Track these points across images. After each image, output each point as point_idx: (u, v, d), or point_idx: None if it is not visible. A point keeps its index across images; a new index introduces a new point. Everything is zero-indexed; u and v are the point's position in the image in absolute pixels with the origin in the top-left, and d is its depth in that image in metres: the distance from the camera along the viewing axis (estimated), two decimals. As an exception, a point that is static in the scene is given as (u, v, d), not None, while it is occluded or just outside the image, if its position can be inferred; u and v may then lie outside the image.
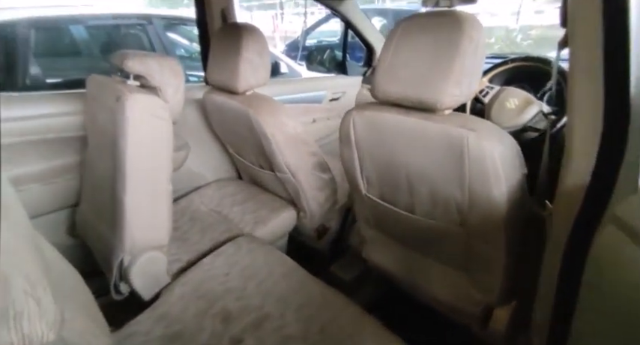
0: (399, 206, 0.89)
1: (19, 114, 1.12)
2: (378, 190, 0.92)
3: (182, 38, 3.13)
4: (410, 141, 0.76)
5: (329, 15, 4.51)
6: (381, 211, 0.95)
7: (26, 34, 2.04)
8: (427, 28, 0.70)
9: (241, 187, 1.43)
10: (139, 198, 0.88)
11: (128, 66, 0.96)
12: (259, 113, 1.08)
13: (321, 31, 5.20)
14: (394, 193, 0.88)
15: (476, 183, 0.69)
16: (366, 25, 1.90)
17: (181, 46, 3.12)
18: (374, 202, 0.94)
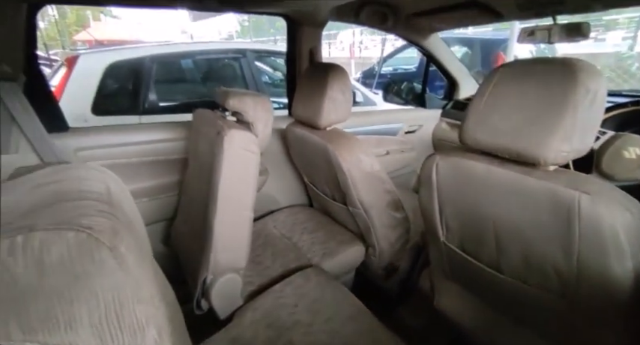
0: (483, 261, 0.82)
1: (138, 139, 1.34)
2: (459, 240, 0.86)
3: (267, 67, 3.45)
4: (502, 194, 0.70)
5: (407, 44, 4.54)
6: (460, 262, 0.88)
7: (149, 68, 2.48)
8: (533, 75, 0.65)
9: (313, 215, 1.48)
10: (225, 222, 0.96)
11: (229, 104, 1.09)
12: (338, 149, 1.11)
13: (397, 58, 5.22)
14: (477, 246, 0.82)
15: (589, 254, 0.59)
16: (449, 58, 1.86)
17: (266, 74, 3.42)
18: (452, 251, 0.88)
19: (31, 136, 1.06)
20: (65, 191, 0.33)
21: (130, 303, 0.30)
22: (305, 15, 1.45)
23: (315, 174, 1.39)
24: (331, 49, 11.73)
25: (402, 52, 4.94)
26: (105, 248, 0.29)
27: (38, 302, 0.26)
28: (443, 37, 1.83)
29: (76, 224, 0.28)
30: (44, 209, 0.29)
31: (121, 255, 0.30)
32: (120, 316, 0.29)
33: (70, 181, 0.35)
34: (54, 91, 1.87)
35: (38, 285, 0.26)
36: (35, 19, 1.05)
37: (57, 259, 0.27)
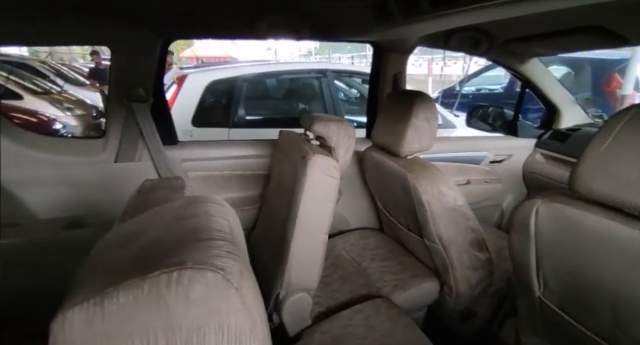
0: (592, 329, 0.70)
1: (231, 154, 1.49)
2: (559, 298, 0.76)
3: (343, 85, 3.54)
4: (623, 258, 0.60)
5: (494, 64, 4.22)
6: (559, 323, 0.77)
7: (241, 86, 2.76)
8: None
9: (384, 242, 1.45)
10: (301, 243, 1.00)
11: (314, 129, 1.15)
12: (418, 179, 1.08)
13: (482, 76, 4.89)
14: (585, 311, 0.70)
15: None
16: (550, 83, 1.68)
17: (342, 91, 3.51)
18: (550, 308, 0.78)
19: (151, 148, 1.25)
20: (200, 229, 0.38)
21: (247, 340, 0.34)
22: (393, 42, 1.46)
23: (390, 201, 1.37)
24: (407, 66, 11.52)
25: (489, 70, 4.61)
26: (233, 288, 0.33)
27: (182, 330, 0.31)
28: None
29: (213, 265, 0.32)
30: (187, 245, 0.35)
31: (243, 295, 0.34)
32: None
33: (202, 218, 0.41)
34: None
35: (183, 316, 0.31)
36: (166, 51, 1.26)
37: (198, 295, 0.31)
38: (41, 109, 3.74)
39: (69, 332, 0.29)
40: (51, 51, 9.94)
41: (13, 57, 4.91)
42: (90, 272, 0.34)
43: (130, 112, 1.22)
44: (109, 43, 1.13)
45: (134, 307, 0.30)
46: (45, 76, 4.82)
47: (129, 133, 1.24)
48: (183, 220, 0.40)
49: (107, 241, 0.41)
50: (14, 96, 3.67)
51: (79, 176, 1.20)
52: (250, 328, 0.34)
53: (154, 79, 1.24)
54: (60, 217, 1.17)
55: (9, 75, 3.78)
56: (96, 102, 4.64)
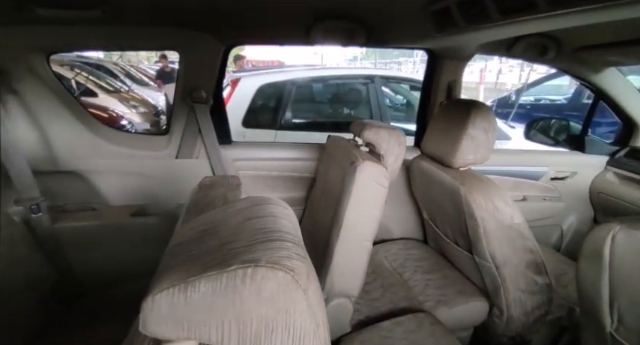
0: None
1: (279, 156, 1.53)
2: (637, 338, 0.68)
3: (389, 90, 3.49)
4: None
5: (558, 72, 3.88)
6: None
7: (290, 89, 2.84)
8: None
9: (428, 254, 1.40)
10: (346, 249, 1.00)
11: (364, 135, 1.14)
12: (471, 193, 1.03)
13: (543, 85, 4.54)
14: None
15: None
16: (629, 95, 1.51)
17: (387, 97, 3.47)
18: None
19: (208, 147, 1.34)
20: (270, 229, 0.40)
21: (310, 343, 0.34)
22: (450, 49, 1.41)
23: (437, 213, 1.32)
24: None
25: (551, 79, 4.26)
26: (301, 290, 0.34)
27: (252, 325, 0.33)
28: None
29: (284, 265, 0.34)
30: (259, 245, 0.37)
31: (309, 297, 0.35)
32: None
33: (270, 219, 0.43)
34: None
35: (254, 311, 0.33)
36: (227, 57, 1.34)
37: (269, 293, 0.33)
38: (111, 106, 4.16)
39: (156, 313, 0.32)
40: (122, 53, 11.01)
41: (92, 59, 5.52)
42: (174, 261, 0.37)
43: (191, 113, 1.31)
44: (179, 48, 1.23)
45: (212, 298, 0.32)
46: (116, 76, 5.35)
47: (189, 132, 1.33)
48: (252, 220, 0.43)
49: (185, 234, 0.44)
50: (91, 93, 4.11)
51: (145, 169, 1.31)
52: (314, 331, 0.35)
53: (215, 83, 1.32)
54: (128, 205, 1.30)
55: (88, 75, 4.26)
56: (157, 101, 5.05)
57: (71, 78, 4.00)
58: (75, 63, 4.48)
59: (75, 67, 4.33)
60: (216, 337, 0.33)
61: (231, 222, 0.43)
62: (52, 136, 1.19)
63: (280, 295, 0.33)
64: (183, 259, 0.37)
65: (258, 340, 0.33)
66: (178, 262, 0.36)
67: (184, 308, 0.32)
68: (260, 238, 0.38)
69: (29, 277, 0.93)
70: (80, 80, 4.10)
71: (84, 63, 4.72)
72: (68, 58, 4.49)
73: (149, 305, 0.32)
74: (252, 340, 0.33)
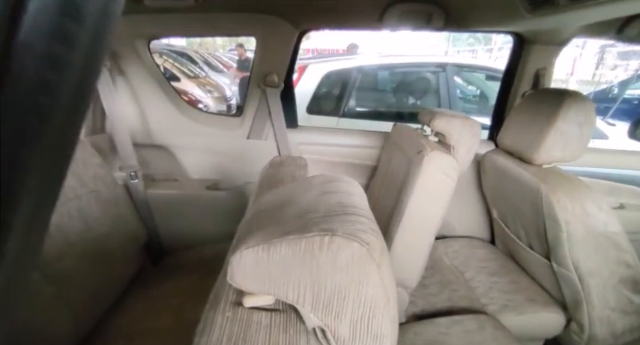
0: None
1: (341, 142, 1.54)
2: None
3: (462, 81, 3.25)
4: None
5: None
6: None
7: (355, 77, 2.81)
8: None
9: (495, 255, 1.30)
10: (406, 239, 0.98)
11: (434, 124, 1.09)
12: (555, 193, 0.92)
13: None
14: None
15: None
16: None
17: (459, 88, 3.23)
18: None
19: (277, 129, 1.40)
20: (346, 204, 0.42)
21: (380, 315, 0.36)
22: (541, 32, 1.26)
23: (510, 212, 1.21)
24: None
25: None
26: (374, 263, 0.35)
27: (326, 290, 0.35)
28: None
29: (360, 238, 0.35)
30: (336, 217, 0.38)
31: (382, 272, 0.35)
32: (370, 322, 0.35)
33: (345, 195, 0.45)
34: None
35: (329, 277, 0.35)
36: (300, 43, 1.37)
37: (344, 261, 0.34)
38: (190, 90, 4.57)
39: (243, 267, 0.36)
40: (201, 42, 11.94)
41: (177, 47, 6.10)
42: (257, 224, 0.41)
43: (263, 96, 1.38)
44: (256, 33, 1.29)
45: (292, 260, 0.35)
46: (195, 62, 5.85)
47: (260, 115, 1.41)
48: (328, 195, 0.44)
49: (265, 203, 0.48)
50: (175, 78, 4.57)
51: (220, 147, 1.43)
52: (384, 305, 0.36)
53: (286, 67, 1.37)
54: (204, 179, 1.43)
55: (174, 62, 4.73)
56: (229, 86, 5.41)
57: (161, 64, 4.49)
58: (163, 50, 5.01)
59: (163, 55, 4.84)
60: (293, 297, 0.36)
61: (309, 195, 0.45)
62: (148, 113, 1.36)
63: (355, 265, 0.35)
64: (267, 222, 0.40)
65: (330, 306, 0.35)
66: (261, 225, 0.40)
67: (267, 266, 0.35)
68: (337, 211, 0.40)
69: (129, 233, 1.10)
70: (167, 66, 4.58)
71: (171, 51, 5.25)
72: (159, 45, 5.03)
73: (237, 259, 0.36)
74: (325, 304, 0.35)
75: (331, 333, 0.36)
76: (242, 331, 0.36)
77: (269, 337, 0.35)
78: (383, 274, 0.36)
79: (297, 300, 0.36)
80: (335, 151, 1.52)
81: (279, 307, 0.40)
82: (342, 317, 0.35)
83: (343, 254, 0.34)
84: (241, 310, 0.38)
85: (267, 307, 0.39)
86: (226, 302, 0.40)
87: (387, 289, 0.36)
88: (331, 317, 0.35)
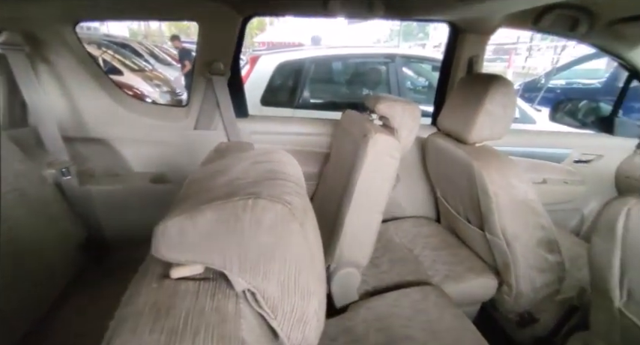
0: None
1: (294, 130, 1.54)
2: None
3: (411, 72, 3.39)
4: None
5: (593, 54, 3.60)
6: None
7: (308, 68, 2.81)
8: None
9: (439, 231, 1.40)
10: (356, 220, 1.02)
11: (378, 108, 1.14)
12: (485, 168, 1.01)
13: (574, 70, 4.28)
14: None
15: None
16: (667, 75, 1.41)
17: (409, 79, 3.37)
18: (631, 323, 0.69)
19: (225, 119, 1.37)
20: (275, 171, 0.42)
21: (305, 272, 0.37)
22: (472, 22, 1.36)
23: (450, 190, 1.31)
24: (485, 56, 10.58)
25: (583, 62, 4.01)
26: (297, 223, 0.36)
27: (252, 251, 0.36)
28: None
29: (283, 200, 0.36)
30: (264, 182, 0.39)
31: (305, 230, 0.37)
32: (297, 280, 0.37)
33: (277, 163, 0.45)
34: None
35: (254, 239, 0.35)
36: (245, 29, 1.34)
37: (269, 223, 0.35)
38: (135, 84, 4.28)
39: (168, 238, 0.35)
40: (146, 33, 11.18)
41: (118, 38, 5.65)
42: (185, 196, 0.40)
43: (209, 85, 1.34)
44: (198, 18, 1.24)
45: (217, 225, 0.35)
46: (140, 55, 5.47)
47: (207, 104, 1.36)
48: (260, 164, 0.45)
49: (198, 175, 0.47)
50: (116, 72, 4.24)
51: (165, 139, 1.37)
52: (309, 263, 0.37)
53: (232, 55, 1.34)
54: (148, 172, 1.36)
55: (114, 54, 4.38)
56: (179, 79, 5.14)
57: (98, 56, 4.13)
58: (102, 41, 4.61)
59: (102, 46, 4.45)
60: (220, 262, 0.36)
61: (241, 165, 0.46)
62: (80, 104, 1.25)
63: (278, 225, 0.36)
64: (195, 191, 0.40)
65: (257, 267, 0.36)
66: (189, 195, 0.39)
67: (192, 234, 0.35)
68: (266, 177, 0.40)
69: (62, 233, 1.01)
70: (107, 58, 4.23)
71: (110, 42, 4.85)
72: (96, 36, 4.62)
73: (161, 231, 0.35)
74: (252, 266, 0.36)
75: (260, 294, 0.37)
76: (168, 298, 0.35)
77: (195, 302, 0.35)
78: (307, 233, 0.37)
79: (225, 265, 0.36)
80: (287, 139, 1.52)
81: (210, 276, 0.40)
82: (270, 277, 0.36)
83: (267, 215, 0.35)
84: (168, 282, 0.38)
85: (196, 277, 0.39)
86: (153, 275, 0.39)
87: (311, 248, 0.38)
88: (259, 279, 0.36)
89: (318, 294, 0.39)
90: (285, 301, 0.37)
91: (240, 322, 0.35)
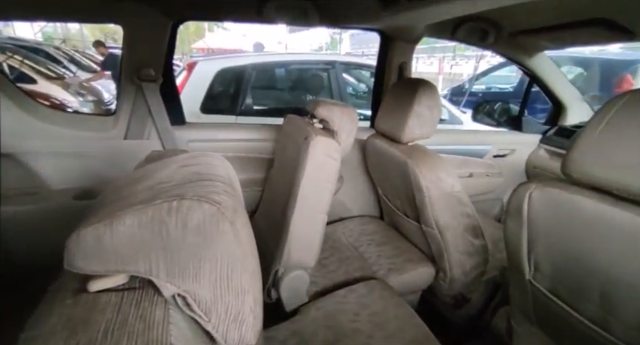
0: (582, 313, 0.71)
1: (236, 137, 1.52)
2: (550, 282, 0.77)
3: (352, 78, 3.54)
4: (616, 241, 0.60)
5: (505, 62, 4.13)
6: (549, 307, 0.79)
7: (250, 74, 2.78)
8: None
9: (382, 228, 1.47)
10: (302, 222, 1.03)
11: (318, 112, 1.17)
12: (417, 165, 1.10)
13: (492, 76, 4.85)
14: (576, 295, 0.72)
15: None
16: (557, 79, 1.67)
17: (350, 85, 3.51)
18: (540, 292, 0.79)
19: (159, 127, 1.29)
20: (202, 173, 0.41)
21: (238, 271, 0.37)
22: (399, 31, 1.47)
23: (389, 187, 1.39)
24: (419, 64, 11.49)
25: (498, 69, 4.56)
26: (227, 221, 0.36)
27: (180, 254, 0.34)
28: (551, 56, 1.65)
29: (210, 199, 0.35)
30: (189, 184, 0.38)
31: (237, 229, 0.37)
32: (230, 279, 0.36)
33: (204, 166, 0.44)
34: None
35: (181, 241, 0.34)
36: (176, 33, 1.29)
37: (196, 223, 0.34)
38: (53, 93, 3.82)
39: (83, 248, 0.32)
40: (65, 38, 10.08)
41: (29, 42, 5.00)
42: (101, 204, 0.37)
43: (139, 91, 1.25)
44: (122, 21, 1.16)
45: (139, 230, 0.33)
46: (59, 61, 4.91)
47: (138, 112, 1.27)
48: (187, 167, 0.44)
49: (118, 183, 0.44)
50: (28, 80, 3.74)
51: (90, 151, 1.24)
52: (242, 261, 0.37)
53: (164, 60, 1.27)
54: (71, 188, 1.22)
55: (23, 59, 3.86)
56: (107, 88, 4.71)
57: (2, 61, 3.61)
58: (6, 45, 4.04)
59: (6, 50, 3.90)
60: (146, 268, 0.34)
61: (166, 170, 0.44)
62: None
63: (206, 225, 0.35)
64: (113, 199, 0.37)
65: (186, 269, 0.35)
66: (106, 203, 0.37)
67: (111, 241, 0.33)
68: (192, 179, 0.39)
69: None
70: (14, 64, 3.71)
71: (18, 46, 4.27)
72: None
73: (74, 241, 0.32)
74: (181, 269, 0.35)
75: (192, 297, 0.36)
76: (85, 312, 0.32)
77: (117, 313, 0.33)
78: (239, 231, 0.37)
79: (151, 271, 0.34)
80: (229, 146, 1.49)
81: (135, 285, 0.38)
82: (201, 279, 0.35)
83: (194, 216, 0.34)
84: (85, 296, 0.35)
85: (120, 288, 0.36)
86: (67, 291, 0.35)
87: (243, 246, 0.38)
88: (189, 281, 0.35)
89: (254, 291, 0.39)
90: (219, 302, 0.36)
91: (168, 328, 0.33)
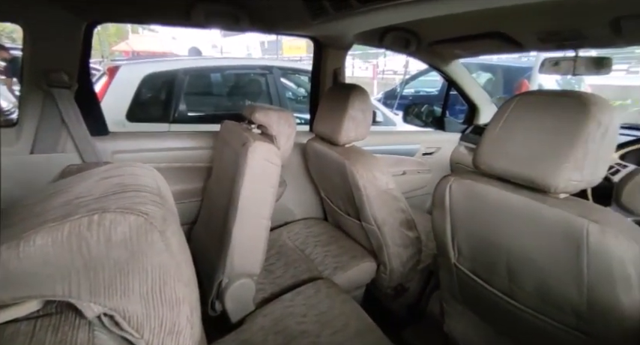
0: (495, 287, 0.82)
1: (168, 146, 1.43)
2: (470, 263, 0.87)
3: (291, 83, 3.57)
4: (515, 221, 0.71)
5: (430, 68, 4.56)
6: (471, 286, 0.89)
7: (182, 80, 2.64)
8: (547, 106, 0.67)
9: (326, 229, 1.51)
10: (243, 229, 1.01)
11: (255, 117, 1.16)
12: (355, 165, 1.16)
13: (420, 80, 5.28)
14: (489, 271, 0.82)
15: (597, 285, 0.60)
16: (470, 83, 1.89)
17: (290, 90, 3.54)
18: (463, 273, 0.89)
19: (76, 138, 1.16)
20: (126, 184, 0.39)
21: (171, 281, 0.35)
22: (331, 38, 1.53)
23: (331, 188, 1.43)
24: (354, 69, 12.05)
25: (424, 74, 5.00)
26: (156, 232, 0.34)
27: (104, 271, 0.32)
28: (465, 63, 1.87)
29: (136, 210, 0.33)
30: (112, 196, 0.35)
31: (167, 238, 0.35)
32: (163, 291, 0.34)
33: (129, 176, 0.41)
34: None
35: (105, 257, 0.32)
36: (91, 35, 1.18)
37: (121, 236, 0.32)
38: None
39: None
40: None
41: None
42: (6, 225, 0.33)
43: (48, 99, 1.12)
44: (22, 21, 1.02)
45: (53, 249, 0.30)
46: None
47: (48, 122, 1.13)
48: (109, 179, 0.40)
49: (27, 201, 0.39)
50: None
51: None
52: (175, 270, 0.36)
53: (78, 65, 1.15)
54: None
55: None
56: (5, 96, 4.07)
57: None
58: None
59: None
60: (63, 290, 0.31)
61: (85, 183, 0.40)
62: None
63: (133, 237, 0.33)
64: (20, 219, 0.33)
65: (112, 286, 0.33)
66: (11, 224, 0.32)
67: (18, 264, 0.29)
68: (115, 191, 0.37)
69: None
70: None
71: None
72: None
73: None
74: (107, 286, 0.32)
75: (120, 315, 0.34)
76: None
77: (30, 342, 0.29)
78: (169, 240, 0.36)
79: (70, 292, 0.31)
80: (162, 156, 1.39)
81: (51, 310, 0.34)
82: (130, 294, 0.33)
83: (118, 229, 0.32)
84: None
85: (31, 316, 0.32)
86: None
87: (175, 254, 0.36)
88: (117, 298, 0.33)
89: (190, 301, 0.37)
90: (152, 316, 0.34)
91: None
